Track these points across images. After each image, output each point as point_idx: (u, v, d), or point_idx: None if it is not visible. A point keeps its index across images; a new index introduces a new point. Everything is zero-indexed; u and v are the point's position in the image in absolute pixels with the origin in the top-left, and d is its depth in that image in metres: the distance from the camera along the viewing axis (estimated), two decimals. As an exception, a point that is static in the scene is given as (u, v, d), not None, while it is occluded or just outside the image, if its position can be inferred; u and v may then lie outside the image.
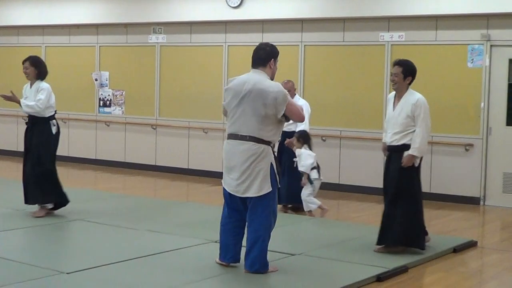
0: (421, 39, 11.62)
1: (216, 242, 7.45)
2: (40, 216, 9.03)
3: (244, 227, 6.84)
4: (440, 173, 11.47)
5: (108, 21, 14.69)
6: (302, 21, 12.58)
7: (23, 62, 9.74)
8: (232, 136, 6.69)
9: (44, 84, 9.44)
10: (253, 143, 6.57)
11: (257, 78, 6.66)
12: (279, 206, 9.64)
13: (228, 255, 6.86)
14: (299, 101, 10.06)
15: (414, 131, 7.69)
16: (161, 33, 14.20)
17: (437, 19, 11.44)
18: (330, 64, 12.41)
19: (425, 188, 11.40)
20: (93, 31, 15.05)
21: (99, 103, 15.04)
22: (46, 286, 6.27)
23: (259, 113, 6.55)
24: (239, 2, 12.93)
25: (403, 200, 7.71)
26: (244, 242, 6.86)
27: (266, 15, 12.80)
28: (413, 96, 7.86)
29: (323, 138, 12.39)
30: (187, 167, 13.91)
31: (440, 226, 9.73)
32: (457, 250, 8.13)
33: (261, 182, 6.58)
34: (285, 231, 8.79)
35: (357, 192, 12.06)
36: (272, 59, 6.78)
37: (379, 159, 11.89)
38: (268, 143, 6.62)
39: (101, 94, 15.00)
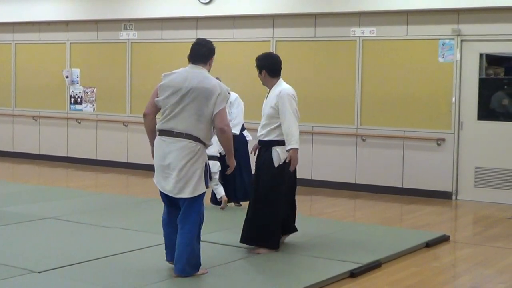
0: (392, 34, 11.65)
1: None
2: None
3: None
4: (412, 168, 11.52)
5: (78, 17, 14.58)
6: (273, 17, 12.57)
7: None
8: (166, 133, 6.40)
9: None
10: (190, 140, 6.34)
11: (200, 75, 6.44)
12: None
13: (174, 253, 6.62)
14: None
15: (279, 124, 7.37)
16: (132, 29, 14.13)
17: (408, 14, 11.48)
18: (302, 59, 12.41)
19: (397, 183, 11.56)
20: (64, 28, 14.94)
21: (70, 100, 14.94)
22: (17, 286, 6.22)
23: (200, 112, 6.33)
24: (210, -2, 12.92)
25: (262, 198, 7.41)
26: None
27: (237, 11, 12.78)
28: (279, 87, 7.66)
29: (296, 134, 12.37)
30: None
31: (413, 220, 9.77)
32: (429, 244, 8.16)
33: (196, 183, 6.36)
34: (258, 227, 8.78)
35: (330, 187, 12.07)
36: (212, 57, 6.66)
37: (352, 154, 11.93)
38: (203, 143, 6.41)
39: (72, 91, 14.89)
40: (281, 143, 7.35)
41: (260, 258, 7.29)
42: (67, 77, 14.86)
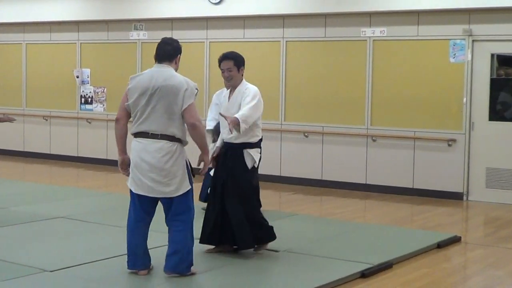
0: (403, 34, 11.62)
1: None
2: None
3: (148, 229, 6.55)
4: (423, 169, 11.49)
5: (89, 18, 14.61)
6: (283, 17, 12.56)
7: None
8: (142, 135, 6.32)
9: None
10: (166, 141, 6.26)
11: (166, 73, 6.34)
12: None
13: (139, 262, 6.51)
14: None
15: (255, 125, 7.14)
16: (142, 29, 14.14)
17: (419, 14, 11.45)
18: (312, 60, 12.39)
19: (408, 183, 11.53)
20: (74, 28, 14.97)
21: (81, 100, 14.96)
22: (29, 284, 6.24)
23: (170, 110, 6.25)
24: (220, -2, 12.92)
25: (248, 201, 7.26)
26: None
27: (247, 11, 12.77)
28: (245, 85, 7.37)
29: (306, 134, 12.38)
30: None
31: (424, 221, 9.74)
32: (441, 245, 8.14)
33: (179, 181, 6.31)
34: (269, 227, 8.78)
35: (340, 188, 12.05)
36: (179, 55, 6.54)
37: (362, 155, 11.91)
38: (180, 140, 6.32)
39: (83, 91, 14.92)
40: (253, 145, 7.20)
41: (270, 258, 7.29)
42: (77, 77, 14.89)
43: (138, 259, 6.52)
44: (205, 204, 8.23)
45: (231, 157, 7.22)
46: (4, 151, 15.89)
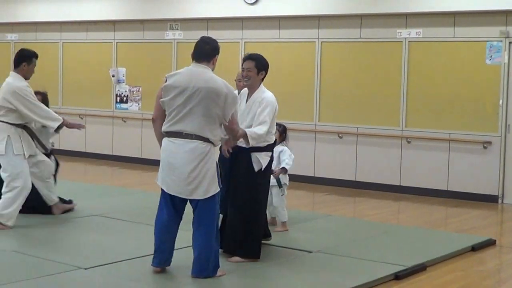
0: (439, 35, 11.56)
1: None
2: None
3: (178, 228, 6.55)
4: (457, 171, 11.42)
5: (125, 17, 14.71)
6: (319, 17, 12.54)
7: None
8: (175, 134, 6.30)
9: None
10: (200, 142, 6.23)
11: (206, 75, 6.30)
12: None
13: (163, 260, 6.52)
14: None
15: None
16: (177, 29, 14.21)
17: (455, 15, 11.38)
18: (347, 61, 12.37)
19: (442, 186, 11.46)
20: (110, 27, 15.08)
21: (116, 99, 15.07)
22: (64, 281, 6.31)
23: (209, 113, 6.22)
24: (256, -1, 12.94)
25: (245, 208, 7.06)
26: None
27: (283, 11, 12.78)
28: (264, 93, 7.18)
29: (340, 135, 12.36)
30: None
31: (458, 224, 9.69)
32: (475, 248, 8.08)
33: (208, 184, 6.28)
34: (302, 228, 8.78)
35: (374, 189, 12.01)
36: (216, 55, 6.48)
37: (397, 156, 11.86)
38: (213, 143, 6.31)
39: (118, 90, 15.02)
40: (260, 148, 7.08)
41: (302, 258, 7.29)
42: (113, 76, 14.99)
43: (163, 257, 6.52)
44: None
45: (240, 161, 7.12)
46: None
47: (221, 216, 6.99)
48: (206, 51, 6.44)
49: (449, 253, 7.74)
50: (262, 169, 7.09)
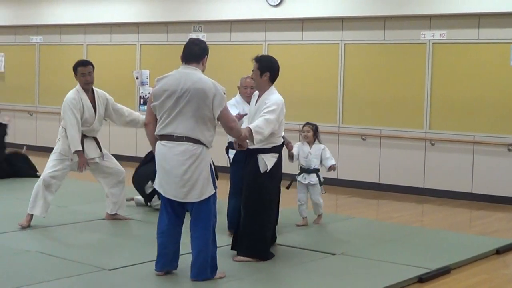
0: (463, 37, 11.50)
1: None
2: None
3: (181, 231, 6.54)
4: (482, 173, 11.35)
5: (148, 19, 14.76)
6: (342, 19, 12.52)
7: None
8: (166, 137, 6.27)
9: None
10: (191, 143, 6.20)
11: (193, 76, 6.29)
12: None
13: (166, 264, 6.52)
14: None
15: (270, 134, 7.03)
16: (201, 31, 14.24)
17: (480, 17, 11.32)
18: (371, 62, 12.34)
19: (466, 188, 11.40)
20: (134, 29, 15.14)
21: (140, 101, 15.12)
22: (88, 282, 6.34)
23: (198, 114, 6.19)
24: (279, 1, 12.90)
25: (251, 208, 7.15)
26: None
27: (306, 13, 12.76)
28: (272, 95, 7.20)
29: (363, 137, 12.33)
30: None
31: (483, 227, 9.63)
32: (500, 251, 8.03)
33: (202, 186, 6.25)
34: (325, 230, 8.78)
35: (397, 191, 11.97)
36: (206, 56, 6.48)
37: (420, 159, 11.81)
38: (204, 144, 6.27)
39: (142, 92, 15.07)
40: (267, 150, 7.13)
41: (326, 261, 7.28)
42: (137, 78, 15.05)
43: (166, 261, 6.52)
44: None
45: (248, 163, 7.22)
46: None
47: None
48: (195, 52, 6.46)
49: (473, 256, 7.69)
50: (268, 171, 7.12)
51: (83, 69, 8.59)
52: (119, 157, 15.18)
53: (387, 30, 12.14)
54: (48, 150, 15.58)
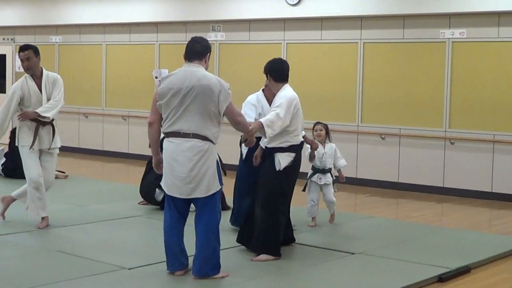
0: (483, 36, 11.44)
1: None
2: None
3: (183, 229, 6.54)
4: (502, 172, 11.29)
5: (167, 19, 14.79)
6: (361, 18, 12.49)
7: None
8: (173, 134, 6.31)
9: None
10: (198, 140, 6.24)
11: (198, 73, 6.32)
12: None
13: (177, 263, 6.51)
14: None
15: (282, 131, 7.13)
16: (220, 30, 14.25)
17: (500, 15, 11.25)
18: (390, 61, 12.30)
19: (486, 187, 11.35)
20: (153, 29, 15.18)
21: (159, 100, 15.13)
22: (108, 281, 6.35)
23: (204, 111, 6.24)
24: (297, 0, 12.89)
25: (266, 206, 7.23)
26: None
27: (325, 12, 12.74)
28: (280, 92, 7.32)
29: (382, 136, 12.29)
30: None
31: (503, 226, 9.58)
32: (520, 251, 8.00)
33: (209, 182, 6.28)
34: (344, 229, 8.77)
35: (417, 191, 11.93)
36: (208, 54, 6.52)
37: (440, 158, 11.77)
38: (211, 141, 6.30)
39: (161, 91, 15.08)
40: (284, 149, 7.20)
41: (344, 260, 7.27)
42: (156, 77, 15.06)
43: (175, 259, 6.52)
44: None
45: (264, 161, 7.38)
46: (84, 150, 16.20)
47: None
48: (197, 50, 6.48)
49: (493, 255, 7.66)
50: (281, 169, 7.17)
51: (21, 55, 8.38)
52: (138, 157, 15.30)
53: (406, 29, 12.11)
54: (67, 150, 15.69)
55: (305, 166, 8.86)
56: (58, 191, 10.04)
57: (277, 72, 7.42)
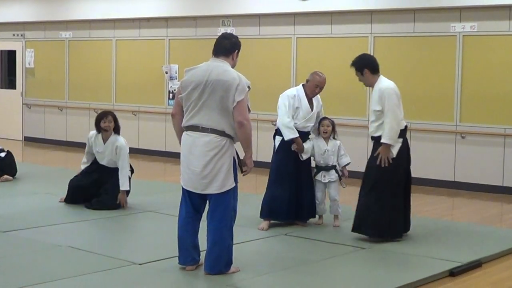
0: (494, 29, 11.39)
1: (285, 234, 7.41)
2: None
3: (198, 225, 6.51)
4: (513, 166, 11.28)
5: (177, 14, 14.79)
6: (371, 12, 12.46)
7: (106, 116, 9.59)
8: (192, 128, 6.29)
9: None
10: (215, 135, 6.20)
11: (219, 68, 6.30)
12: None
13: (189, 258, 6.48)
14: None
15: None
16: (230, 25, 14.24)
17: (510, 8, 11.20)
18: (400, 55, 12.27)
19: (498, 181, 11.32)
20: (163, 24, 15.18)
21: (169, 95, 15.16)
22: (119, 277, 6.36)
23: (222, 106, 6.17)
24: (307, -6, 12.90)
25: (376, 191, 7.78)
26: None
27: (335, 6, 12.72)
28: (380, 84, 7.98)
29: (393, 131, 12.25)
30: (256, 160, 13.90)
31: (514, 220, 9.57)
32: (532, 245, 7.96)
33: (224, 178, 6.23)
34: (356, 224, 8.75)
35: (428, 185, 11.90)
36: (236, 51, 6.49)
37: (451, 152, 11.74)
38: (230, 136, 6.25)
39: (171, 86, 15.10)
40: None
41: (356, 255, 7.27)
42: (166, 72, 15.09)
43: (188, 254, 6.49)
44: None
45: (374, 149, 7.94)
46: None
47: None
48: (224, 46, 6.48)
49: (505, 249, 7.64)
50: (394, 156, 7.73)
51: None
52: (148, 152, 15.31)
53: (416, 23, 12.07)
54: (77, 145, 15.72)
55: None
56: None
57: (373, 64, 8.06)
